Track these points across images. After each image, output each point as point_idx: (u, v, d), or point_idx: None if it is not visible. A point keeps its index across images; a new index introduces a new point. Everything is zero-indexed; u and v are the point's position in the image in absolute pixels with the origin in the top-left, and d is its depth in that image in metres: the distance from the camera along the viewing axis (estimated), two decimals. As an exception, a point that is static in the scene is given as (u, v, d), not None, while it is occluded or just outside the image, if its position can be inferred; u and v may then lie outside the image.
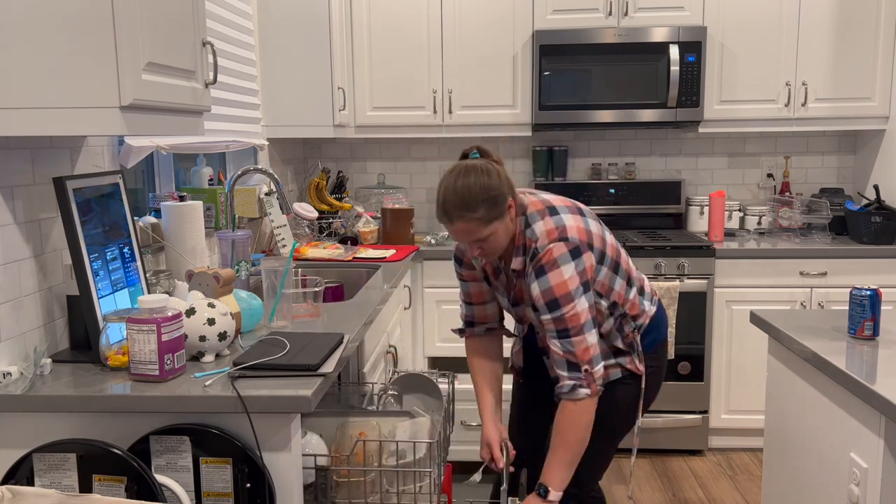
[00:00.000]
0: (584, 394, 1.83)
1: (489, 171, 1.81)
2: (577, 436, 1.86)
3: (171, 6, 1.63)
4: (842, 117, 3.62)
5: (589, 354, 1.82)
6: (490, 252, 1.88)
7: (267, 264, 2.08)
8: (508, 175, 1.87)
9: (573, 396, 1.83)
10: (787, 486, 2.11)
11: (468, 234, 1.83)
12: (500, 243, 1.86)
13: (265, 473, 1.54)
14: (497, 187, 1.80)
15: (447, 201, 1.81)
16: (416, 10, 3.66)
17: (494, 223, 1.82)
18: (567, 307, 1.80)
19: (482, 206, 1.79)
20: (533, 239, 1.86)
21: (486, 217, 1.80)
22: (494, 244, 1.86)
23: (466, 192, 1.79)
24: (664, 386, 3.51)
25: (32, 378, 1.63)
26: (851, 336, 1.96)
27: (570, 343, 1.82)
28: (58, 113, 1.46)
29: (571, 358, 1.82)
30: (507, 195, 1.83)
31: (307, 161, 4.19)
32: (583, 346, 1.82)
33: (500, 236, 1.85)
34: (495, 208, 1.80)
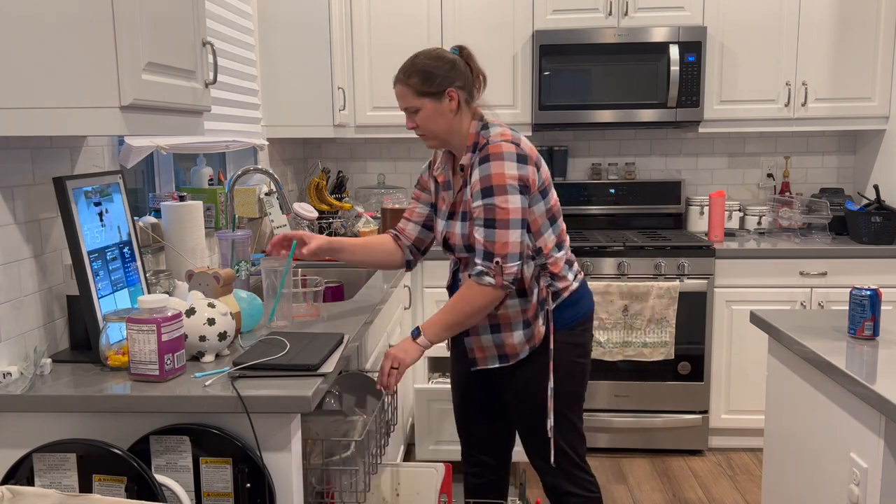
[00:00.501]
0: (487, 281, 1.91)
1: (442, 57, 2.01)
2: (466, 310, 1.95)
3: (171, 6, 1.63)
4: (842, 117, 3.62)
5: (507, 249, 1.90)
6: (423, 133, 2.04)
7: (267, 264, 2.08)
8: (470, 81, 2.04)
9: (479, 280, 1.92)
10: (787, 486, 2.12)
11: (402, 100, 2.03)
12: (429, 125, 2.02)
13: (265, 473, 1.54)
14: (439, 69, 1.99)
15: (401, 66, 2.04)
16: (416, 10, 3.66)
17: (425, 98, 2.00)
18: (499, 197, 1.91)
19: (416, 77, 1.99)
20: (486, 137, 2.01)
21: (418, 89, 1.99)
22: (424, 123, 2.02)
23: (412, 62, 2.01)
24: (664, 386, 3.51)
25: (32, 378, 1.63)
26: (851, 336, 1.96)
27: (493, 234, 1.90)
28: (58, 113, 1.46)
29: (489, 247, 1.91)
30: (447, 81, 1.99)
31: (307, 161, 4.19)
32: (503, 239, 1.90)
33: (429, 114, 2.01)
34: (428, 84, 1.98)
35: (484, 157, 1.95)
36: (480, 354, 2.11)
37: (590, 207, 3.98)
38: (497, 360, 2.10)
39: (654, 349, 3.43)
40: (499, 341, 2.08)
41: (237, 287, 2.38)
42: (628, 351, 3.45)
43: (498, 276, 1.91)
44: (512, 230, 1.90)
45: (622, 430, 3.56)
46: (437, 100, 2.00)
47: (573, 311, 2.10)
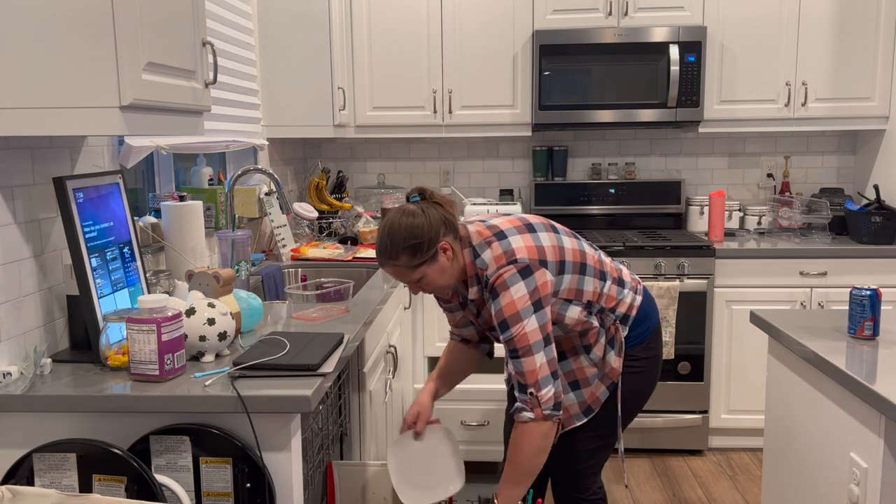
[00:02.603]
0: (526, 417, 1.84)
1: (414, 225, 1.85)
2: (521, 457, 1.88)
3: (171, 6, 1.63)
4: (842, 117, 3.62)
5: (536, 376, 1.83)
6: (433, 290, 1.94)
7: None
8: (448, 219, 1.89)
9: (518, 418, 1.86)
10: (787, 486, 2.11)
11: (399, 277, 1.91)
12: (437, 283, 1.91)
13: (265, 473, 1.54)
14: (420, 235, 1.84)
15: (378, 248, 1.89)
16: (416, 10, 3.66)
17: (422, 267, 1.87)
18: (515, 328, 1.83)
19: (404, 254, 1.85)
20: (483, 268, 1.89)
21: (410, 264, 1.86)
22: (432, 284, 1.91)
23: (390, 240, 1.85)
24: (664, 386, 3.51)
25: (32, 378, 1.63)
26: (851, 336, 1.96)
27: (520, 363, 1.84)
28: (58, 113, 1.46)
29: (521, 379, 1.85)
30: (434, 240, 1.85)
31: (307, 161, 4.19)
32: (530, 366, 1.83)
33: (433, 278, 1.89)
34: (418, 255, 1.85)
35: (492, 292, 1.87)
36: (565, 415, 2.05)
37: (590, 207, 3.98)
38: (583, 416, 2.05)
39: (654, 349, 3.43)
40: (581, 398, 2.04)
41: (237, 287, 2.38)
42: (628, 351, 3.44)
43: (536, 409, 1.84)
44: (536, 355, 1.84)
45: (622, 430, 3.56)
46: (433, 262, 1.88)
47: (642, 327, 2.06)
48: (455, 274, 1.93)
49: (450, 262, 1.90)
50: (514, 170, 4.12)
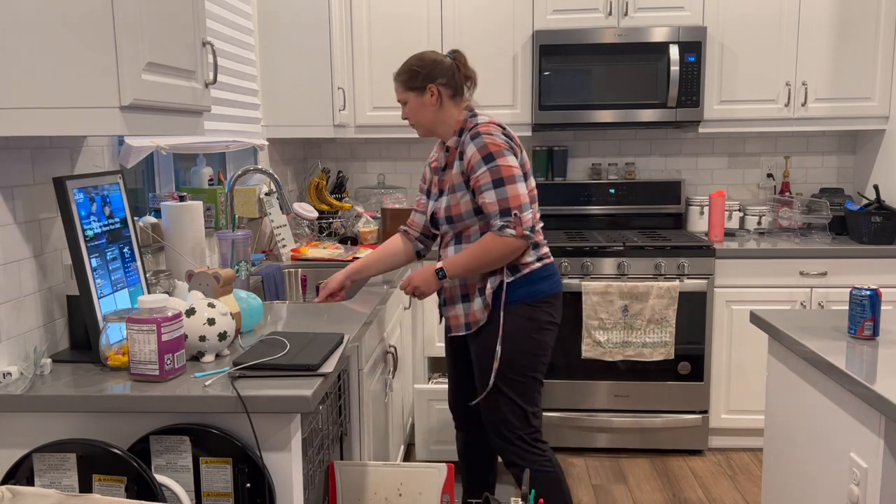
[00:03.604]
0: (509, 233, 2.18)
1: (428, 58, 2.32)
2: (486, 259, 2.20)
3: (171, 6, 1.63)
4: (842, 117, 3.62)
5: (519, 201, 2.18)
6: (412, 121, 2.35)
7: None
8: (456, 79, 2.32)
9: (501, 234, 2.18)
10: (787, 486, 2.12)
11: (396, 93, 2.36)
12: (414, 116, 2.33)
13: (265, 473, 1.54)
14: (422, 68, 2.30)
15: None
16: (416, 10, 3.66)
17: (409, 92, 2.32)
18: (500, 159, 2.19)
19: (405, 73, 2.33)
20: (473, 122, 2.29)
21: (405, 84, 2.32)
22: (410, 114, 2.34)
23: (405, 62, 2.35)
24: (664, 386, 3.51)
25: (32, 378, 1.63)
26: (851, 336, 1.96)
27: (505, 191, 2.17)
28: (58, 113, 1.46)
29: (504, 204, 2.17)
30: (428, 78, 2.29)
31: (307, 161, 4.19)
32: (513, 192, 2.18)
33: (413, 108, 2.32)
34: (412, 80, 2.31)
35: (475, 133, 2.23)
36: (455, 322, 2.38)
37: (590, 207, 3.98)
38: (465, 328, 2.36)
39: (654, 349, 3.43)
40: (468, 310, 2.33)
41: (237, 287, 2.38)
42: (628, 351, 3.45)
43: (518, 227, 2.17)
44: (518, 184, 2.19)
45: (622, 430, 3.56)
46: (419, 94, 2.31)
47: (530, 288, 2.30)
48: (434, 119, 2.33)
49: (432, 105, 2.31)
50: (514, 170, 4.11)
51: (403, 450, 3.27)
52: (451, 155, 2.32)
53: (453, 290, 2.36)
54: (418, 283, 2.29)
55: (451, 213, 2.29)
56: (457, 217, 2.29)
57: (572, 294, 3.46)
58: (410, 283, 2.31)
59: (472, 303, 2.32)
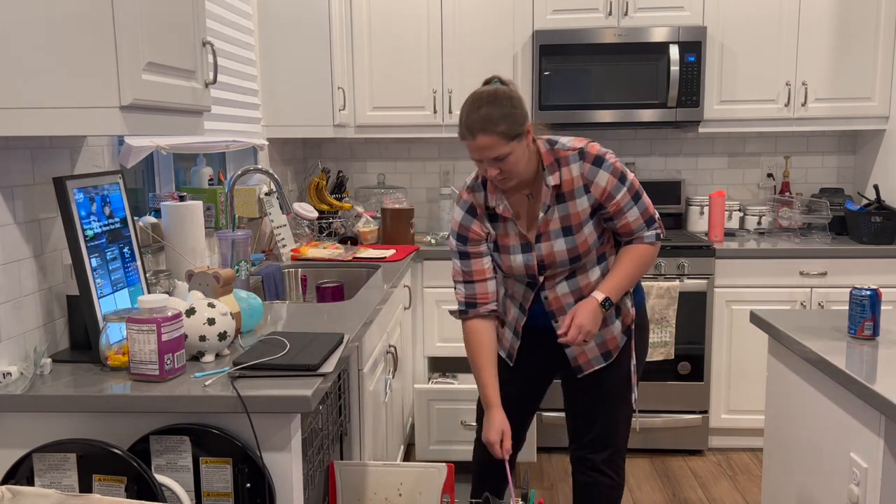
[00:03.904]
0: (659, 240, 2.08)
1: (512, 94, 1.91)
2: (641, 270, 2.07)
3: (171, 6, 1.63)
4: (842, 117, 3.62)
5: (653, 208, 2.08)
6: (507, 176, 1.95)
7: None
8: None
9: (652, 242, 2.07)
10: (787, 486, 2.12)
11: (489, 150, 1.89)
12: (517, 167, 1.93)
13: (265, 473, 1.54)
14: (519, 107, 1.90)
15: (471, 115, 1.88)
16: (416, 10, 3.66)
17: (514, 142, 1.89)
18: (629, 176, 2.04)
19: (504, 122, 1.86)
20: (565, 149, 2.03)
21: (507, 132, 1.87)
22: (512, 167, 1.93)
23: (491, 107, 1.86)
24: (664, 386, 3.51)
25: (32, 378, 1.63)
26: (851, 336, 1.96)
27: (643, 202, 2.05)
28: (58, 113, 1.46)
29: (646, 215, 2.06)
30: (526, 117, 1.92)
31: (307, 161, 4.19)
32: (648, 200, 2.06)
33: (518, 158, 1.92)
34: (516, 126, 1.88)
35: (596, 160, 2.02)
36: (584, 360, 2.15)
37: (590, 207, 3.97)
38: (602, 359, 2.15)
39: (654, 349, 3.43)
40: (601, 340, 2.13)
41: (237, 287, 2.38)
42: (628, 351, 3.44)
43: (663, 230, 2.10)
44: (646, 194, 2.07)
45: (622, 430, 3.56)
46: (522, 140, 1.91)
47: (639, 295, 2.22)
48: (530, 162, 1.98)
49: (528, 150, 1.96)
50: (514, 170, 4.11)
51: (403, 450, 3.27)
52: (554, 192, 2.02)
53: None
54: (590, 326, 1.98)
55: (578, 252, 2.04)
56: (584, 253, 2.05)
57: (572, 294, 3.46)
58: (581, 330, 1.97)
59: (605, 330, 2.12)
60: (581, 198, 2.01)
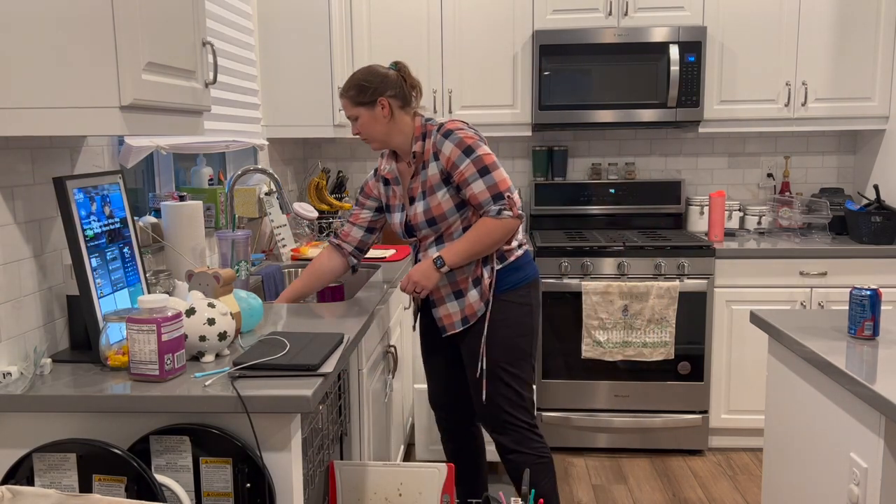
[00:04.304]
0: (507, 215, 2.26)
1: (374, 72, 2.30)
2: (486, 242, 2.27)
3: (171, 6, 1.63)
4: (842, 117, 3.62)
5: (506, 185, 2.27)
6: (365, 137, 2.34)
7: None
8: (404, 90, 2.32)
9: (499, 217, 2.25)
10: (787, 486, 2.12)
11: (345, 110, 2.34)
12: (368, 129, 2.31)
13: (265, 473, 1.54)
14: (371, 82, 2.28)
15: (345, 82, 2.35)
16: (416, 10, 3.66)
17: (360, 108, 2.30)
18: (479, 149, 2.26)
19: (353, 90, 2.30)
20: (433, 124, 2.34)
21: (354, 99, 2.29)
22: (365, 129, 2.32)
23: (350, 77, 2.31)
24: (664, 386, 3.51)
25: (32, 378, 1.63)
26: (851, 336, 1.96)
27: (491, 177, 2.25)
28: (58, 113, 1.46)
29: (494, 190, 2.25)
30: (378, 91, 2.28)
31: (307, 161, 4.19)
32: (499, 177, 2.26)
33: (365, 121, 2.30)
34: (361, 95, 2.28)
35: (446, 132, 2.28)
36: (448, 321, 2.40)
37: (590, 207, 3.98)
38: (461, 323, 2.38)
39: (654, 349, 3.43)
40: (462, 305, 2.36)
41: (237, 287, 2.38)
42: (628, 351, 3.45)
43: (514, 208, 2.26)
44: (500, 169, 2.28)
45: (622, 430, 3.56)
46: (370, 108, 2.30)
47: (517, 275, 2.37)
48: (387, 131, 2.32)
49: (384, 118, 2.30)
50: (514, 170, 4.12)
51: (403, 450, 3.27)
52: (418, 160, 2.34)
53: (441, 291, 2.38)
54: (418, 279, 2.30)
55: (432, 214, 2.32)
56: (439, 217, 2.32)
57: (572, 294, 3.46)
58: (410, 280, 2.32)
59: (465, 297, 2.35)
60: (432, 164, 2.31)
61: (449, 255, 2.28)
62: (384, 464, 2.15)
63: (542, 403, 3.57)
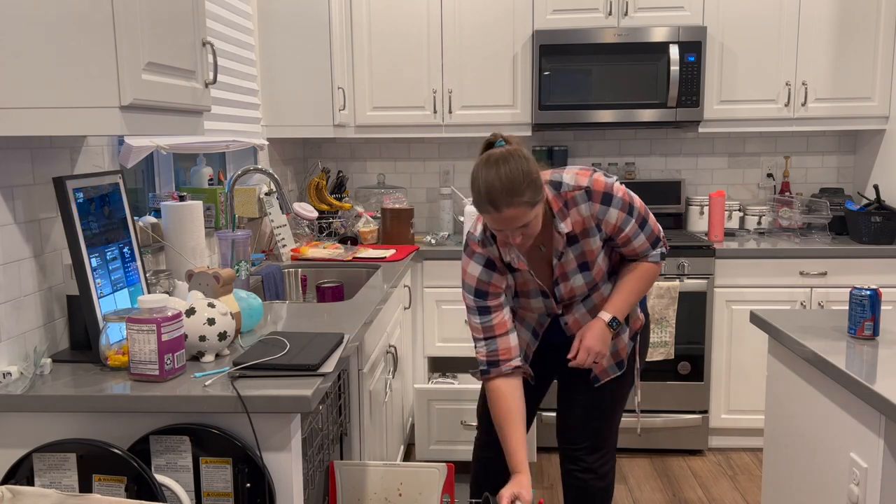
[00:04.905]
0: (664, 259, 2.10)
1: (526, 157, 1.83)
2: (647, 286, 2.08)
3: (171, 6, 1.63)
4: (842, 117, 3.62)
5: (659, 227, 2.08)
6: (529, 236, 1.89)
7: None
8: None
9: (656, 261, 2.08)
10: (787, 486, 2.12)
11: (515, 221, 1.82)
12: (538, 226, 1.90)
13: (265, 473, 1.54)
14: (536, 171, 1.83)
15: (493, 189, 1.79)
16: (416, 10, 3.66)
17: (537, 206, 1.84)
18: (634, 202, 2.00)
19: (528, 191, 1.79)
20: (569, 189, 1.95)
21: (532, 200, 1.81)
22: (535, 228, 1.88)
23: (511, 178, 1.78)
24: (664, 386, 3.51)
25: (32, 378, 1.63)
26: (851, 336, 1.96)
27: (649, 226, 2.04)
28: (58, 113, 1.46)
29: (652, 237, 2.05)
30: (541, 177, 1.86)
31: (307, 161, 4.19)
32: (653, 221, 2.06)
33: (540, 219, 1.89)
34: (538, 191, 1.82)
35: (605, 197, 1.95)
36: (601, 369, 2.16)
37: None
38: (616, 368, 2.17)
39: (654, 349, 3.43)
40: (614, 349, 2.15)
41: (237, 287, 2.38)
42: (628, 351, 3.44)
43: (667, 247, 2.12)
44: (649, 211, 2.05)
45: (622, 430, 3.56)
46: (543, 201, 1.87)
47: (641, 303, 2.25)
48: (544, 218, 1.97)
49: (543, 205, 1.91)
50: (514, 170, 4.11)
51: (403, 450, 3.27)
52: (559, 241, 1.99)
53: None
54: (599, 347, 2.01)
55: (595, 282, 2.07)
56: (601, 281, 2.10)
57: (572, 294, 3.46)
58: (590, 352, 2.00)
59: (621, 337, 2.15)
60: (594, 237, 2.00)
61: (619, 312, 2.03)
62: (384, 464, 2.15)
63: (543, 404, 3.56)
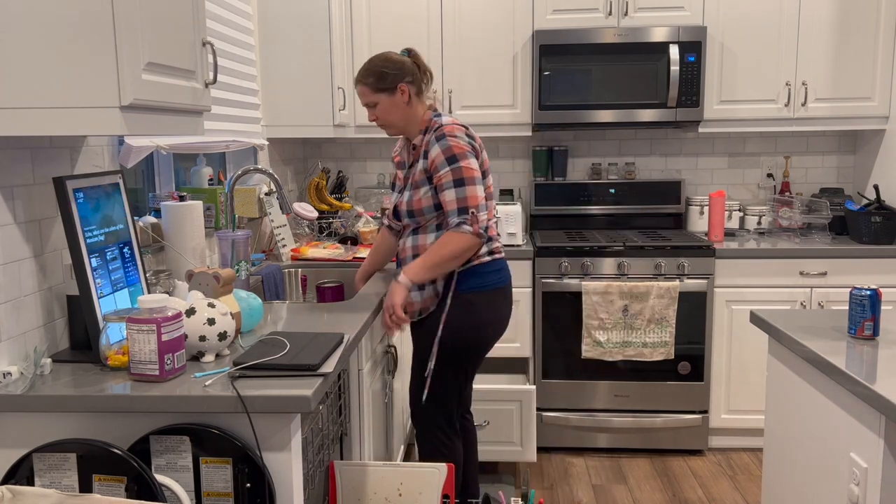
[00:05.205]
0: (466, 229, 2.29)
1: (392, 59, 2.36)
2: (445, 254, 2.30)
3: (171, 6, 1.63)
4: (842, 117, 3.62)
5: (476, 201, 2.30)
6: (383, 122, 2.39)
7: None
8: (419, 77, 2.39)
9: (458, 230, 2.29)
10: (787, 486, 2.12)
11: (362, 97, 2.39)
12: (387, 116, 2.38)
13: (265, 473, 1.54)
14: (390, 69, 2.34)
15: (359, 70, 2.39)
16: (416, 10, 3.66)
17: (380, 94, 2.35)
18: (463, 161, 2.29)
19: (372, 76, 2.35)
20: (438, 122, 2.38)
21: (374, 86, 2.35)
22: (384, 114, 2.38)
23: (369, 66, 2.36)
24: (664, 386, 3.51)
25: (32, 378, 1.63)
26: (851, 336, 1.96)
27: (464, 191, 2.28)
28: (58, 113, 1.46)
29: (462, 203, 2.28)
30: (398, 78, 2.34)
31: (307, 161, 4.19)
32: (472, 193, 2.29)
33: (385, 108, 2.37)
34: (381, 82, 2.34)
35: (440, 135, 2.32)
36: (411, 309, 2.45)
37: (590, 207, 3.98)
38: (417, 314, 2.46)
39: (654, 349, 3.43)
40: (419, 297, 2.42)
41: (237, 287, 2.38)
42: (628, 351, 3.45)
43: (475, 225, 2.29)
44: (477, 186, 2.30)
45: (622, 430, 3.56)
46: (390, 94, 2.36)
47: (478, 280, 2.41)
48: (405, 117, 2.39)
49: (403, 105, 2.37)
50: (514, 170, 4.12)
51: (403, 450, 3.27)
52: (416, 152, 2.41)
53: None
54: (386, 304, 2.35)
55: (412, 207, 2.39)
56: (418, 212, 2.38)
57: (572, 294, 3.46)
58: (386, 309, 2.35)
59: (423, 290, 2.42)
60: (421, 160, 2.37)
61: (410, 270, 2.33)
62: (384, 464, 2.15)
63: (543, 403, 3.57)
